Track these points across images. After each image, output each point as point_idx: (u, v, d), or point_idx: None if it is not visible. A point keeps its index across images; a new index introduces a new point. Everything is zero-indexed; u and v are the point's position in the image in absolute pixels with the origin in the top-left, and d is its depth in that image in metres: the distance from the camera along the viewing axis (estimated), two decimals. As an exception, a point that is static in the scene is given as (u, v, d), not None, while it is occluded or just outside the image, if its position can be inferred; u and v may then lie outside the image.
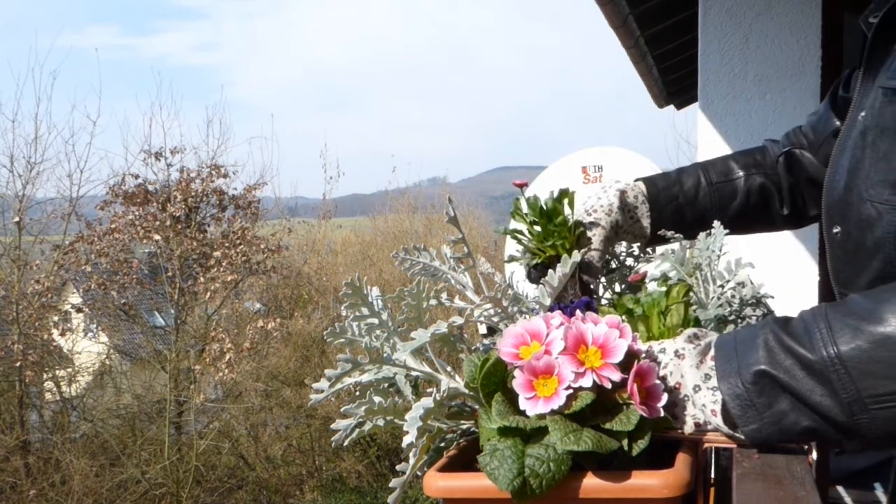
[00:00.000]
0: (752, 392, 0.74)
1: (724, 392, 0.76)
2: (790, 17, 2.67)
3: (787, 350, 0.74)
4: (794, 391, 0.73)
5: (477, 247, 14.06)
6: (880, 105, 1.06)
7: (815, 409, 0.72)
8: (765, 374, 0.74)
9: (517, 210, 1.21)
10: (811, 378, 0.72)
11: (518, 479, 0.70)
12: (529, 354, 0.76)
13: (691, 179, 1.39)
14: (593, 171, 3.46)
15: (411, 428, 0.79)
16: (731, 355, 0.78)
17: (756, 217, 1.41)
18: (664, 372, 0.81)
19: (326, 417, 10.09)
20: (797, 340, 0.74)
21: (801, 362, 0.73)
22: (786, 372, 0.73)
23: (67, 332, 10.22)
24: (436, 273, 1.00)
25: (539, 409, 0.73)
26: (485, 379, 0.79)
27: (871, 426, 0.70)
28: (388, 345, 0.89)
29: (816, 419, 0.73)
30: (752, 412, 0.75)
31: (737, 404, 0.75)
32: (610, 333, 0.77)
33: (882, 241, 1.03)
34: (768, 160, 1.43)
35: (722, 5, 2.73)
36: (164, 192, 10.47)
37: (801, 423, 0.73)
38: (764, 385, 0.74)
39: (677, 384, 0.80)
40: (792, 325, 0.77)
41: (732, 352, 0.78)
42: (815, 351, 0.73)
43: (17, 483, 8.68)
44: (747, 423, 0.75)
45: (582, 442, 0.70)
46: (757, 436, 0.76)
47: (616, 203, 1.30)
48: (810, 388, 0.72)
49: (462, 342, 0.95)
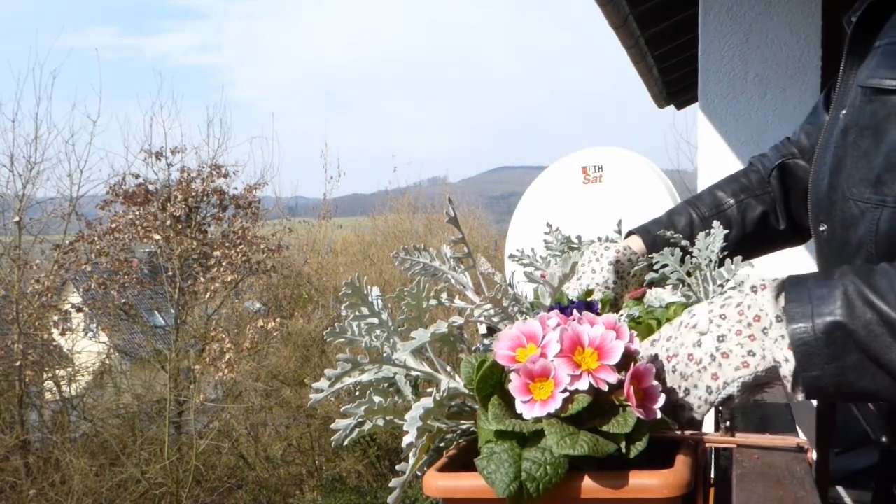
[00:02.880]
0: (821, 341, 0.72)
1: (792, 336, 0.74)
2: (790, 17, 2.67)
3: (868, 304, 0.72)
4: (867, 348, 0.71)
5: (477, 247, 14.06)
6: (860, 103, 1.06)
7: (887, 367, 0.71)
8: (840, 327, 0.72)
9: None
10: (890, 335, 0.70)
11: (515, 483, 0.70)
12: (525, 357, 0.76)
13: (683, 219, 1.39)
14: (593, 171, 3.46)
15: (411, 428, 0.79)
16: (805, 299, 0.75)
17: (757, 241, 1.41)
18: (740, 309, 0.78)
19: (326, 417, 10.09)
20: (881, 296, 0.72)
21: (882, 318, 0.71)
22: (864, 327, 0.71)
23: (67, 332, 10.22)
24: (436, 273, 1.00)
25: (535, 413, 0.73)
26: (481, 382, 0.78)
27: None
28: (388, 345, 0.89)
29: (881, 380, 0.71)
30: (816, 360, 0.73)
31: (803, 350, 0.73)
32: (606, 335, 0.76)
33: (865, 239, 1.03)
34: (755, 179, 1.41)
35: (722, 5, 2.73)
36: (165, 192, 10.48)
37: (861, 383, 0.72)
38: (836, 337, 0.72)
39: (756, 317, 0.77)
40: (875, 279, 0.74)
41: (806, 296, 0.75)
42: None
43: (16, 482, 8.68)
44: (809, 370, 0.73)
45: (578, 445, 0.70)
46: (815, 384, 0.74)
47: (611, 278, 1.29)
48: (887, 346, 0.70)
49: (462, 342, 0.94)
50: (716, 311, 0.80)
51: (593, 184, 3.46)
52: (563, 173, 3.55)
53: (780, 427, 1.03)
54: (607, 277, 1.28)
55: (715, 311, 0.80)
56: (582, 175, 3.48)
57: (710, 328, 0.79)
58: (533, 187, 3.68)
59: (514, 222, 3.67)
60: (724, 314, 0.79)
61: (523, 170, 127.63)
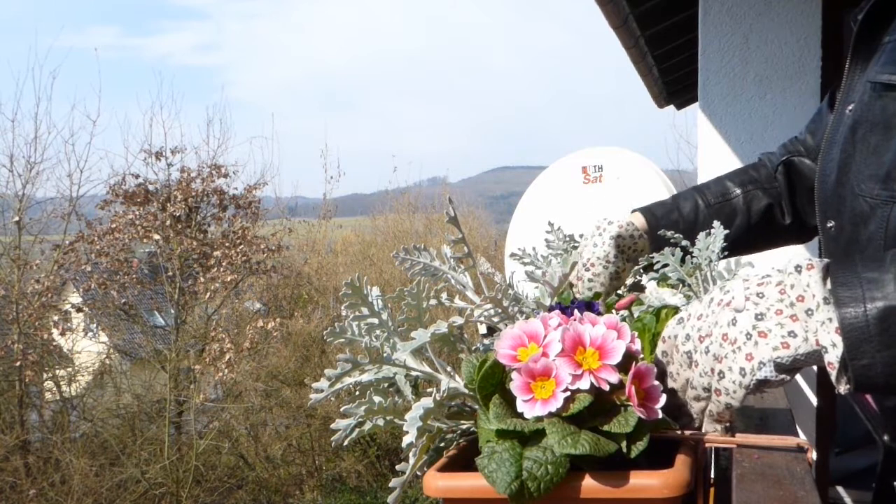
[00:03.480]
0: (873, 327, 0.68)
1: (842, 320, 0.69)
2: (790, 17, 2.67)
3: None
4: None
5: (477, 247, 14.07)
6: (868, 99, 1.05)
7: None
8: (895, 312, 0.68)
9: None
10: None
11: (516, 483, 0.70)
12: (527, 356, 0.76)
13: (689, 204, 1.38)
14: (593, 171, 3.46)
15: (411, 428, 0.79)
16: (854, 282, 0.71)
17: (760, 233, 1.40)
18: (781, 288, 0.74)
19: (326, 417, 10.09)
20: None
21: None
22: None
23: (67, 332, 10.22)
24: (436, 273, 1.00)
25: (537, 412, 0.73)
26: (482, 381, 0.79)
27: None
28: (388, 345, 0.89)
29: None
30: (867, 347, 0.68)
31: (853, 336, 0.68)
32: (608, 334, 0.77)
33: (875, 235, 1.02)
34: (763, 173, 1.41)
35: (722, 5, 2.73)
36: (165, 192, 10.47)
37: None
38: (891, 323, 0.68)
39: (799, 297, 0.73)
40: None
41: (856, 279, 0.71)
42: None
43: (16, 482, 8.68)
44: (860, 357, 0.68)
45: (580, 445, 0.70)
46: (865, 373, 0.69)
47: (612, 252, 1.29)
48: None
49: (462, 342, 0.94)
50: (753, 289, 0.76)
51: (593, 184, 3.47)
52: (563, 173, 3.56)
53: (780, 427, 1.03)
54: (608, 251, 1.29)
55: (752, 289, 0.76)
56: (582, 175, 3.48)
57: (747, 305, 0.75)
58: (533, 187, 3.68)
59: (514, 222, 3.67)
60: (763, 292, 0.75)
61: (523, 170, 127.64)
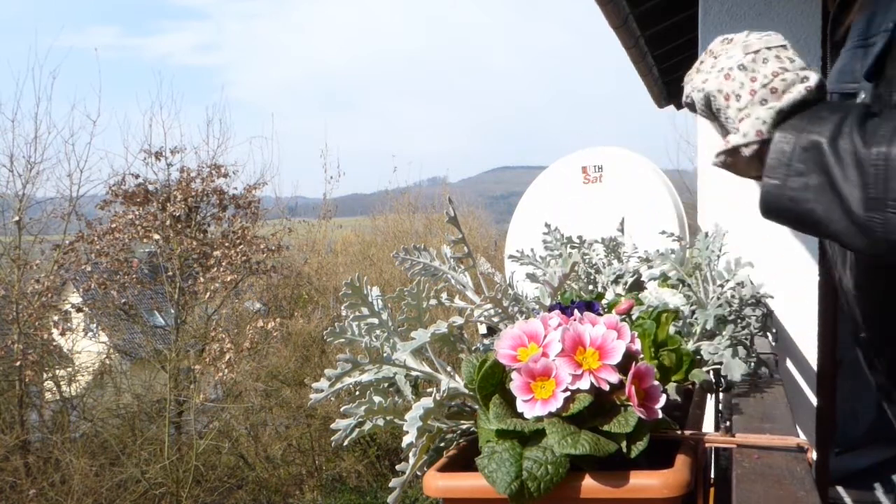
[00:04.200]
0: (796, 154, 0.75)
1: (775, 138, 0.76)
2: (790, 17, 2.67)
3: (850, 137, 0.73)
4: (831, 174, 0.73)
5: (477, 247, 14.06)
6: None
7: (840, 194, 0.73)
8: (817, 147, 0.74)
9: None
10: (854, 167, 0.72)
11: (516, 483, 0.70)
12: (527, 356, 0.76)
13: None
14: (593, 171, 3.46)
15: (411, 428, 0.79)
16: (810, 116, 0.77)
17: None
18: (772, 69, 0.79)
19: (326, 417, 10.09)
20: (864, 133, 0.73)
21: (855, 152, 0.73)
22: (836, 154, 0.73)
23: (67, 332, 10.21)
24: (436, 273, 1.00)
25: (537, 412, 0.73)
26: (483, 381, 0.79)
27: (884, 227, 0.71)
28: (388, 345, 0.89)
29: (830, 208, 0.73)
30: (782, 170, 0.75)
31: (776, 157, 0.76)
32: (608, 335, 0.77)
33: None
34: None
35: (722, 5, 2.73)
36: (165, 192, 10.47)
37: (810, 205, 0.74)
38: (810, 156, 0.74)
39: (773, 89, 0.78)
40: (871, 119, 0.75)
41: (815, 114, 0.77)
42: (869, 145, 0.72)
43: (16, 482, 8.68)
44: (772, 177, 0.76)
45: (580, 445, 0.70)
46: (772, 191, 0.76)
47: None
48: (846, 175, 0.72)
49: (462, 342, 0.94)
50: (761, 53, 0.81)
51: (593, 184, 3.46)
52: (563, 173, 3.55)
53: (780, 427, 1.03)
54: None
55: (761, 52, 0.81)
56: (582, 175, 3.48)
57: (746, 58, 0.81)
58: (533, 187, 3.67)
59: (514, 222, 3.67)
60: (767, 58, 0.80)
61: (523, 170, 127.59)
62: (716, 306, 1.11)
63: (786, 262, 2.60)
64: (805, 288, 2.60)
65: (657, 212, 3.26)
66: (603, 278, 1.37)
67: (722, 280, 1.11)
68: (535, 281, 1.10)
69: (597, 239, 1.45)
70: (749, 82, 0.79)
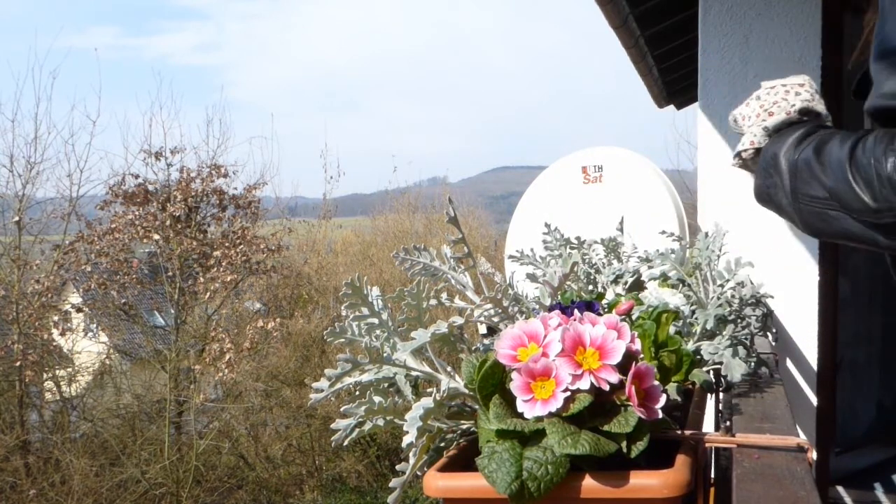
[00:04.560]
0: (766, 161, 1.01)
1: (763, 148, 1.02)
2: (790, 17, 2.67)
3: (791, 150, 0.98)
4: (782, 176, 0.98)
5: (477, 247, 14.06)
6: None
7: (784, 191, 0.97)
8: (775, 157, 1.00)
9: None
10: (787, 172, 0.97)
11: (516, 483, 0.70)
12: (527, 356, 0.76)
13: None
14: (593, 171, 3.46)
15: (411, 428, 0.79)
16: (791, 132, 1.01)
17: None
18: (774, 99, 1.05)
19: (326, 417, 10.09)
20: (797, 147, 0.97)
21: (788, 160, 0.97)
22: (783, 162, 0.98)
23: (67, 332, 10.21)
24: (436, 273, 1.00)
25: (537, 412, 0.73)
26: (482, 381, 0.78)
27: (801, 215, 0.95)
28: (388, 345, 0.89)
29: (784, 201, 0.97)
30: (761, 172, 1.02)
31: (760, 162, 1.02)
32: (608, 335, 0.77)
33: None
34: None
35: (722, 5, 2.73)
36: (164, 192, 10.47)
37: (777, 198, 0.99)
38: (772, 163, 1.00)
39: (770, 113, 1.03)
40: (821, 135, 0.96)
41: (793, 131, 1.01)
42: (796, 155, 0.96)
43: (17, 483, 8.68)
44: (756, 176, 1.03)
45: (580, 445, 0.70)
46: (757, 186, 1.02)
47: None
48: (782, 178, 0.98)
49: (462, 342, 0.94)
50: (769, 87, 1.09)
51: (593, 184, 3.46)
52: (563, 173, 3.55)
53: (780, 427, 1.02)
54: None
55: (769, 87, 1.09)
56: (582, 175, 3.48)
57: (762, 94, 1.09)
58: (533, 187, 3.67)
59: (514, 222, 3.67)
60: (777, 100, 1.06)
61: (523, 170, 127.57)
62: (716, 306, 1.11)
63: (786, 262, 2.60)
64: (805, 288, 2.60)
65: (657, 212, 3.26)
66: (603, 278, 1.38)
67: (722, 280, 1.11)
68: (535, 281, 1.10)
69: (597, 239, 1.45)
70: (758, 108, 1.06)
